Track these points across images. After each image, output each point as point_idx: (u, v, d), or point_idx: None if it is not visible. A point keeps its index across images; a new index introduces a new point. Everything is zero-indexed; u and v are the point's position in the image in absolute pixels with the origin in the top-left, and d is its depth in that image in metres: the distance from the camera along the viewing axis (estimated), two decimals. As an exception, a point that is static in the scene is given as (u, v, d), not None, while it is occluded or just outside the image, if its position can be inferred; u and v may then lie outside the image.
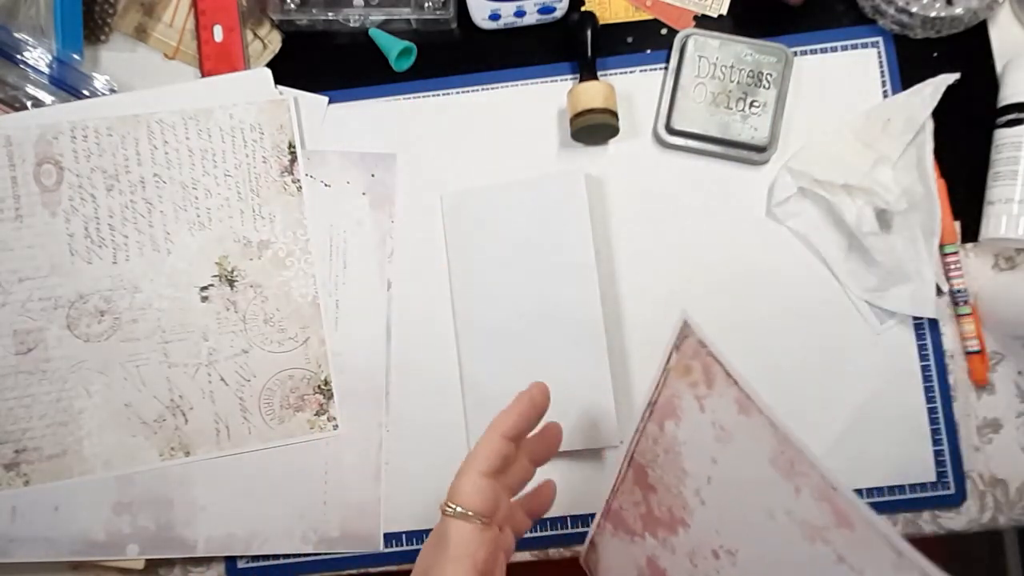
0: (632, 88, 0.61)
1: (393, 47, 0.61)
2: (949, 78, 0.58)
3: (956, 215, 0.59)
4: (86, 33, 0.62)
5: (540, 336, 0.58)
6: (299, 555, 0.60)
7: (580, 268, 0.58)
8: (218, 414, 0.60)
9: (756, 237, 0.60)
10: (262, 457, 0.60)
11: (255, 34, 0.63)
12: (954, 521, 0.58)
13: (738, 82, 0.59)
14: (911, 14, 0.59)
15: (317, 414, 0.61)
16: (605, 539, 0.52)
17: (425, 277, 0.61)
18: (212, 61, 0.62)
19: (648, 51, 0.62)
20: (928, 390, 0.59)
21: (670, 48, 0.61)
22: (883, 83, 0.61)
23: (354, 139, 0.62)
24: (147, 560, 0.60)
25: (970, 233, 0.60)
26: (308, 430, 0.60)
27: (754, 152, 0.60)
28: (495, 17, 0.61)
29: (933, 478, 0.58)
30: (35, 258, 0.61)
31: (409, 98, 0.62)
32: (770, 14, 0.62)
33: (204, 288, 0.61)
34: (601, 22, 0.61)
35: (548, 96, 0.62)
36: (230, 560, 0.60)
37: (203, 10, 0.62)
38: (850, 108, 0.60)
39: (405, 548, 0.59)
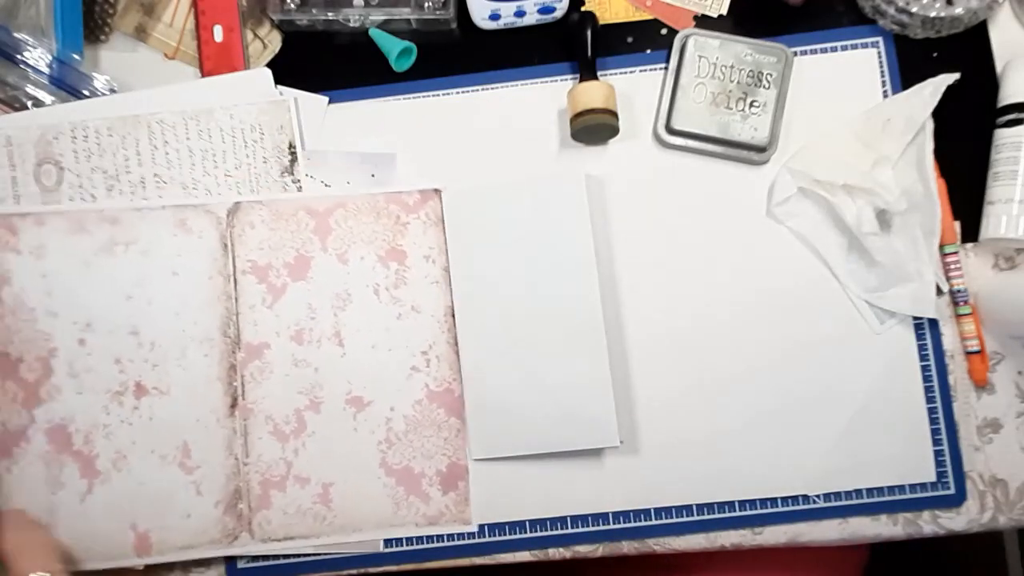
0: (632, 88, 0.61)
1: (393, 47, 0.61)
2: (949, 78, 0.58)
3: (956, 215, 0.59)
4: (86, 33, 0.62)
5: (540, 336, 0.58)
6: (299, 555, 0.60)
7: (580, 268, 0.58)
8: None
9: (756, 237, 0.60)
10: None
11: (255, 34, 0.63)
12: (954, 521, 0.58)
13: (738, 82, 0.59)
14: (911, 14, 0.59)
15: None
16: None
17: (425, 277, 0.61)
18: (212, 61, 0.62)
19: (648, 51, 0.62)
20: (928, 390, 0.59)
21: (670, 48, 0.61)
22: (883, 83, 0.61)
23: (354, 139, 0.62)
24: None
25: (970, 233, 0.60)
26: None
27: (754, 152, 0.60)
28: (495, 17, 0.61)
29: (933, 478, 0.58)
30: (35, 258, 0.62)
31: (409, 98, 0.62)
32: (770, 14, 0.62)
33: (204, 288, 0.62)
34: (601, 22, 0.61)
35: (548, 96, 0.62)
36: (230, 561, 0.60)
37: (203, 10, 0.62)
38: (850, 108, 0.60)
39: (405, 548, 0.59)
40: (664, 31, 0.62)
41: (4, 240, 0.59)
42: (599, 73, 0.60)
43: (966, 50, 0.61)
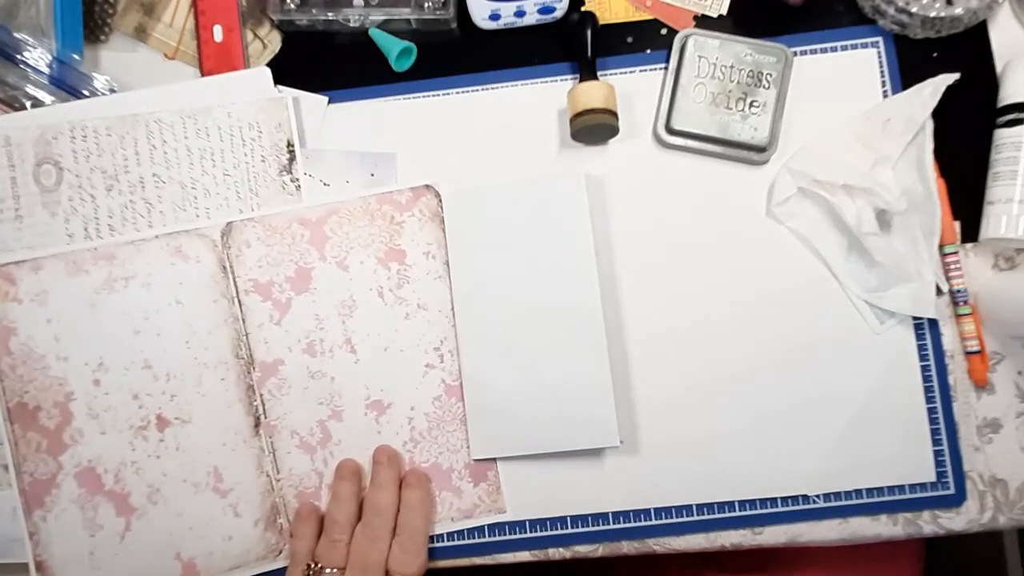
0: (632, 88, 0.61)
1: (393, 47, 0.61)
2: (949, 78, 0.58)
3: (956, 215, 0.59)
4: (86, 33, 0.62)
5: (540, 336, 0.58)
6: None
7: (580, 268, 0.58)
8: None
9: (756, 237, 0.60)
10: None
11: (255, 34, 0.63)
12: (954, 521, 0.58)
13: (738, 82, 0.59)
14: (911, 14, 0.59)
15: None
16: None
17: (425, 277, 0.61)
18: (212, 61, 0.62)
19: (648, 51, 0.62)
20: (928, 390, 0.59)
21: (670, 48, 0.61)
22: (883, 83, 0.61)
23: (354, 139, 0.62)
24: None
25: (970, 233, 0.60)
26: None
27: (754, 152, 0.60)
28: (495, 17, 0.61)
29: (933, 478, 0.58)
30: (35, 258, 0.61)
31: (409, 98, 0.62)
32: (770, 14, 0.62)
33: (204, 288, 0.62)
34: (601, 22, 0.61)
35: (548, 96, 0.62)
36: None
37: (203, 10, 0.62)
38: (850, 108, 0.60)
39: (405, 548, 0.59)
40: (664, 31, 0.62)
41: (4, 291, 0.59)
42: (599, 73, 0.60)
43: (966, 50, 0.61)
